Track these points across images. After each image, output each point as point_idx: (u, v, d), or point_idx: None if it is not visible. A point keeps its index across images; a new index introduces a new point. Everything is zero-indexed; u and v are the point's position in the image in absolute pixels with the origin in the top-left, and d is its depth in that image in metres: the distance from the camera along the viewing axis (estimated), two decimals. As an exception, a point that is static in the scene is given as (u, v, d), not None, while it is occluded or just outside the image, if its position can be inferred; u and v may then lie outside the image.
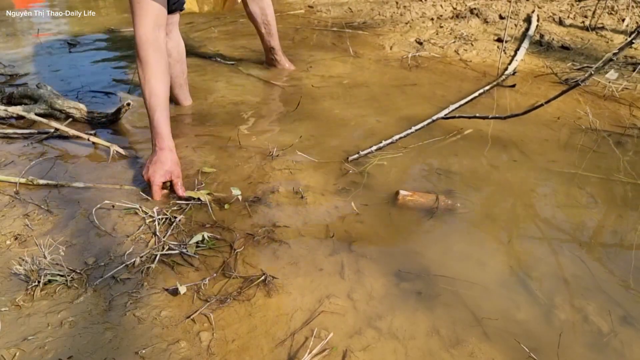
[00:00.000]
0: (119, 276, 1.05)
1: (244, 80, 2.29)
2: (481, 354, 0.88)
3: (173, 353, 0.87)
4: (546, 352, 0.88)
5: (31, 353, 0.87)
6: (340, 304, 0.99)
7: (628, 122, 1.82)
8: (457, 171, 1.48)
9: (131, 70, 2.43)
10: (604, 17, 2.74)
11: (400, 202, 1.30)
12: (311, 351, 0.87)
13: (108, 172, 1.47)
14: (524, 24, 2.80)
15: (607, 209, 1.32)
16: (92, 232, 1.19)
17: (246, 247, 1.15)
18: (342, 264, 1.09)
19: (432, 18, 3.08)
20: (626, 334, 0.93)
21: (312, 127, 1.78)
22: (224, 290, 1.02)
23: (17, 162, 1.52)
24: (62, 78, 2.33)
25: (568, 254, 1.14)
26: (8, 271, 1.06)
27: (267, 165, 1.51)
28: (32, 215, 1.25)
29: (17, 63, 2.57)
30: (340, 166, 1.50)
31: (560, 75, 2.28)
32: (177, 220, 1.22)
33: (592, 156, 1.58)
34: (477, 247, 1.16)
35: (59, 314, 0.95)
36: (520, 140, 1.68)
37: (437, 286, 1.03)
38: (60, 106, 1.79)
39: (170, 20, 1.73)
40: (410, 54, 2.62)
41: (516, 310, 0.98)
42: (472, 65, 2.49)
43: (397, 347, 0.89)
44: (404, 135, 1.62)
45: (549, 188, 1.41)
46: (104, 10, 3.98)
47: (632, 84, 2.14)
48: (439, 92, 2.12)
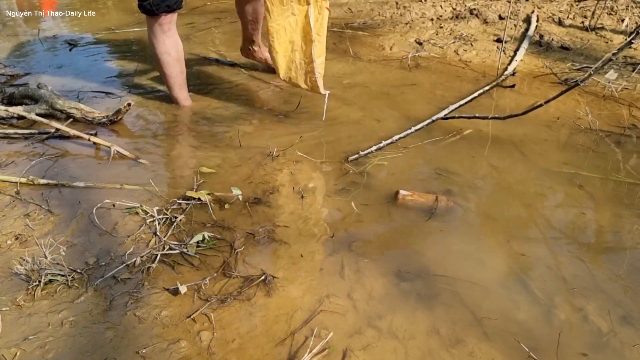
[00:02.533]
0: (120, 276, 1.05)
1: (244, 80, 2.29)
2: (481, 353, 0.88)
3: (173, 352, 0.87)
4: (546, 352, 0.89)
5: (32, 353, 0.87)
6: (340, 303, 0.99)
7: (627, 122, 1.83)
8: (457, 171, 1.48)
9: (131, 70, 2.43)
10: (603, 18, 2.74)
11: (400, 202, 1.30)
12: (311, 350, 0.87)
13: (108, 172, 1.47)
14: (524, 25, 2.81)
15: (606, 209, 1.32)
16: (93, 232, 1.19)
17: (246, 246, 1.15)
18: (342, 264, 1.10)
19: (432, 18, 3.08)
20: (626, 333, 0.93)
21: (312, 127, 1.79)
22: (224, 289, 1.02)
23: (18, 162, 1.52)
24: (63, 78, 2.33)
25: (568, 254, 1.14)
26: (9, 271, 1.06)
27: (267, 165, 1.51)
28: (32, 215, 1.25)
29: (18, 63, 2.57)
30: (340, 166, 1.51)
31: (560, 75, 2.28)
32: (177, 220, 1.22)
33: (592, 156, 1.58)
34: (477, 247, 1.16)
35: (59, 314, 0.95)
36: (519, 140, 1.68)
37: (437, 286, 1.04)
38: (61, 106, 1.79)
39: (169, 20, 1.74)
40: (410, 55, 2.62)
41: (516, 310, 0.98)
42: (472, 65, 2.49)
43: (397, 346, 0.89)
44: (403, 135, 1.62)
45: (549, 188, 1.41)
46: (104, 10, 3.98)
47: (632, 84, 2.14)
48: (438, 93, 2.13)
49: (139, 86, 2.22)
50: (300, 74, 1.79)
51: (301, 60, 1.76)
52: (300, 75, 1.79)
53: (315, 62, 1.72)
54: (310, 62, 1.73)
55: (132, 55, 2.71)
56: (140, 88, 2.19)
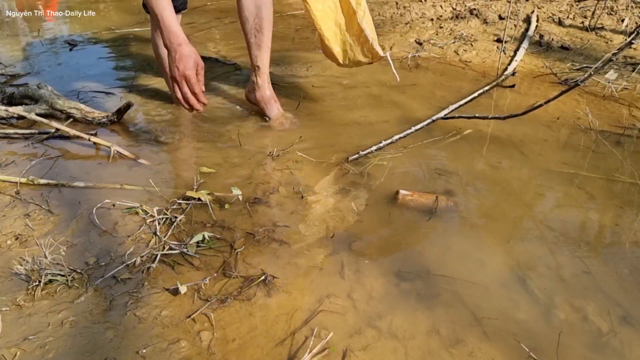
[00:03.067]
0: (120, 276, 1.05)
1: (245, 80, 2.29)
2: (481, 353, 0.88)
3: (173, 352, 0.87)
4: (546, 352, 0.89)
5: (32, 353, 0.87)
6: (340, 303, 0.99)
7: (627, 122, 1.83)
8: (457, 171, 1.48)
9: (131, 70, 2.43)
10: (603, 18, 2.74)
11: (400, 202, 1.30)
12: (311, 350, 0.87)
13: (109, 172, 1.47)
14: (524, 25, 2.81)
15: (606, 208, 1.32)
16: (93, 232, 1.19)
17: (246, 246, 1.15)
18: (342, 264, 1.10)
19: (432, 18, 3.08)
20: (626, 333, 0.93)
21: (312, 127, 1.79)
22: (224, 289, 1.02)
23: (18, 162, 1.52)
24: (63, 78, 2.33)
25: (568, 254, 1.14)
26: (9, 271, 1.06)
27: (267, 165, 1.52)
28: (32, 215, 1.25)
29: (18, 63, 2.57)
30: (340, 166, 1.51)
31: (560, 75, 2.28)
32: (177, 220, 1.22)
33: (592, 156, 1.58)
34: (477, 247, 1.16)
35: (59, 314, 0.95)
36: (519, 140, 1.68)
37: (437, 286, 1.04)
38: (61, 106, 1.79)
39: None
40: (410, 55, 2.62)
41: (516, 310, 0.98)
42: (472, 65, 2.49)
43: (397, 346, 0.89)
44: (403, 135, 1.62)
45: (549, 188, 1.42)
46: (104, 10, 3.98)
47: (632, 84, 2.14)
48: (438, 93, 2.13)
49: (139, 86, 2.22)
50: (357, 50, 1.74)
51: (352, 36, 1.72)
52: (357, 51, 1.75)
53: (365, 30, 1.68)
54: (361, 32, 1.69)
55: (132, 55, 2.71)
56: (141, 88, 2.19)
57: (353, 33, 1.72)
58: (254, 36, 1.71)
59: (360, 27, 1.68)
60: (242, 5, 1.68)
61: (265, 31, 1.71)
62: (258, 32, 1.70)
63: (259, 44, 1.72)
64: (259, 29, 1.70)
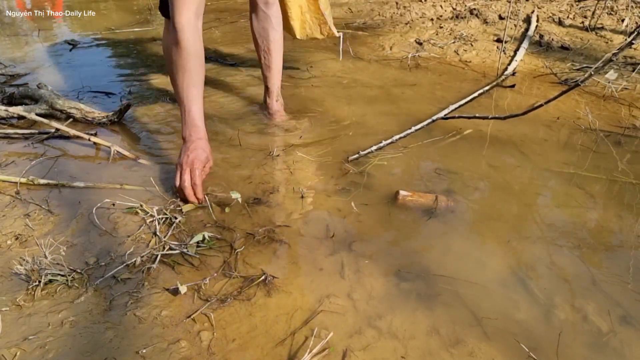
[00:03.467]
0: (120, 276, 1.05)
1: (245, 80, 2.30)
2: (481, 353, 0.88)
3: (173, 352, 0.87)
4: (546, 352, 0.89)
5: (32, 353, 0.87)
6: (340, 303, 0.99)
7: (627, 122, 1.83)
8: (456, 171, 1.48)
9: (131, 70, 2.43)
10: (603, 18, 2.74)
11: (400, 202, 1.30)
12: (311, 350, 0.87)
13: (109, 172, 1.47)
14: (524, 25, 2.81)
15: (606, 209, 1.32)
16: (93, 232, 1.19)
17: (246, 246, 1.15)
18: (342, 264, 1.10)
19: (432, 18, 3.08)
20: (626, 333, 0.93)
21: (312, 127, 1.79)
22: (224, 289, 1.02)
23: (18, 162, 1.52)
24: (63, 78, 2.33)
25: (568, 254, 1.14)
26: (9, 271, 1.06)
27: (267, 165, 1.52)
28: (32, 215, 1.25)
29: (18, 63, 2.57)
30: (340, 166, 1.51)
31: (560, 75, 2.28)
32: (177, 220, 1.22)
33: (592, 156, 1.58)
34: (477, 247, 1.16)
35: (59, 314, 0.95)
36: (519, 140, 1.68)
37: (437, 286, 1.04)
38: (61, 106, 1.79)
39: None
40: (410, 55, 2.62)
41: (516, 310, 0.98)
42: (472, 65, 2.49)
43: (397, 346, 0.89)
44: (403, 135, 1.62)
45: (549, 188, 1.42)
46: (104, 10, 3.98)
47: (632, 84, 2.14)
48: (438, 93, 2.13)
49: (139, 86, 2.22)
50: (315, 28, 2.20)
51: (312, 17, 2.17)
52: (315, 29, 2.21)
53: (324, 13, 2.14)
54: (321, 15, 2.15)
55: (132, 55, 2.71)
56: (141, 88, 2.19)
57: (313, 15, 2.17)
58: (263, 57, 1.83)
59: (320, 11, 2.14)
60: (253, 28, 1.81)
61: (274, 53, 1.81)
62: (267, 54, 1.82)
63: (269, 65, 1.83)
64: (267, 50, 1.81)
